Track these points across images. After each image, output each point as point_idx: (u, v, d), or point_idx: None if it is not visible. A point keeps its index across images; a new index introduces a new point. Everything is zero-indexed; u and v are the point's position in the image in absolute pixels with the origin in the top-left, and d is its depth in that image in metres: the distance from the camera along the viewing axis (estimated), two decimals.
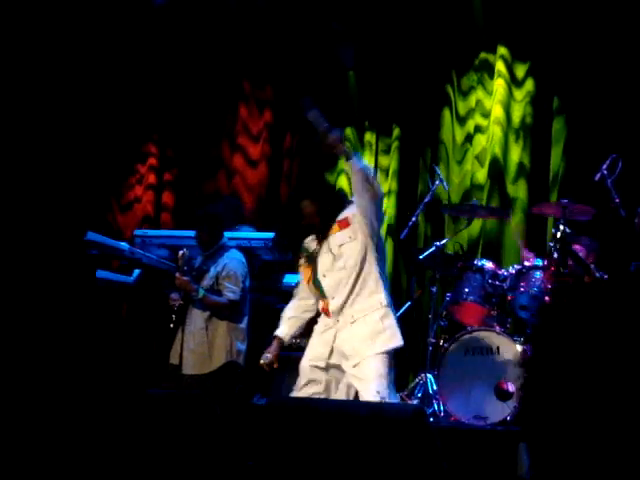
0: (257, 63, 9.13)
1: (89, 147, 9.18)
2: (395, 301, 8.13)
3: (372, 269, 5.02)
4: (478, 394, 6.47)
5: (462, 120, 8.33)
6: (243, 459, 4.00)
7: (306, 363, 5.08)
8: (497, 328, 6.68)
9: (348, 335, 4.98)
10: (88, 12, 8.92)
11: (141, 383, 7.46)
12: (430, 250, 7.10)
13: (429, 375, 6.79)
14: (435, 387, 6.65)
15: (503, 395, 6.40)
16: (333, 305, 5.03)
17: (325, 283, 5.05)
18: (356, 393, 5.00)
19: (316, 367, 5.04)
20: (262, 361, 5.16)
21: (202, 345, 6.32)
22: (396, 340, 5.02)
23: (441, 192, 7.91)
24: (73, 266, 8.54)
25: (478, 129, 8.21)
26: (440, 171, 7.60)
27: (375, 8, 8.57)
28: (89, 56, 9.09)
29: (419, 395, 6.79)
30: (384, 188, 8.53)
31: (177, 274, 6.21)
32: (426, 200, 7.57)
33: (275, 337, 5.22)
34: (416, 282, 7.97)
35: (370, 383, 4.88)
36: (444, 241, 7.28)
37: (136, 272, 7.14)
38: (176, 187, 9.44)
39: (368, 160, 8.67)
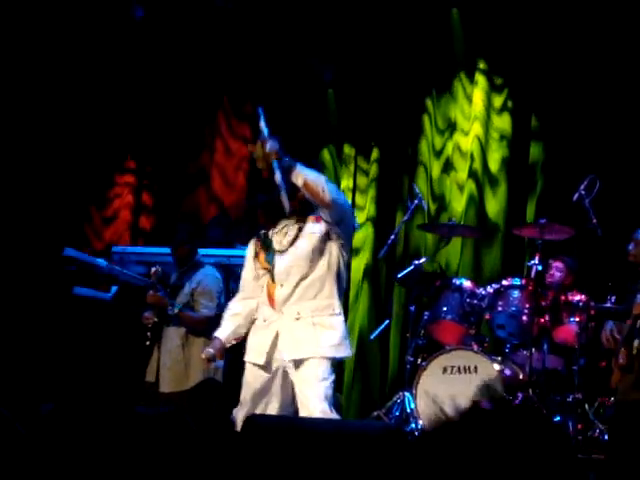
0: (236, 80, 9.13)
1: (67, 163, 9.14)
2: (374, 319, 8.24)
3: (331, 274, 4.82)
4: (456, 413, 6.45)
5: (441, 137, 8.36)
6: (220, 479, 3.97)
7: (249, 370, 4.91)
8: (475, 347, 6.69)
9: (292, 332, 4.77)
10: (68, 27, 8.90)
11: (117, 401, 7.41)
12: (409, 269, 7.10)
13: (407, 393, 6.78)
14: (412, 406, 6.64)
15: None
16: (279, 294, 4.81)
17: (278, 264, 4.83)
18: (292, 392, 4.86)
19: (257, 367, 4.86)
20: (203, 355, 5.01)
21: (179, 363, 6.29)
22: (346, 350, 4.86)
23: (420, 211, 7.93)
24: (50, 282, 8.50)
25: (457, 147, 8.24)
26: (419, 190, 7.62)
27: (355, 26, 8.60)
28: (68, 71, 9.06)
29: (396, 413, 6.78)
30: (362, 209, 8.57)
31: (150, 291, 6.18)
32: (405, 219, 7.58)
33: (215, 338, 5.03)
34: (395, 300, 7.98)
35: (316, 386, 4.71)
36: (422, 260, 7.30)
37: (114, 289, 7.11)
38: (154, 203, 9.43)
39: (346, 178, 8.71)
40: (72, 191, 9.17)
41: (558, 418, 6.29)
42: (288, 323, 4.80)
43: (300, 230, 4.85)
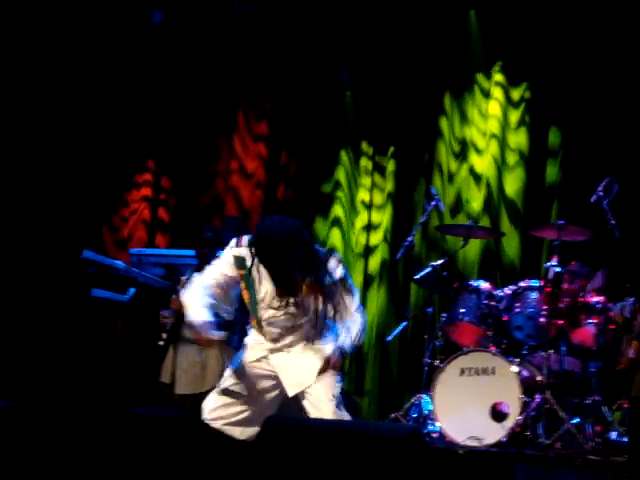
0: (254, 85, 9.15)
1: (86, 166, 9.18)
2: (391, 321, 8.23)
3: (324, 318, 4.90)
4: (473, 415, 6.45)
5: (458, 141, 8.36)
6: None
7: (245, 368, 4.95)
8: (492, 349, 6.67)
9: (288, 366, 4.85)
10: (89, 32, 8.95)
11: (132, 401, 7.44)
12: (426, 270, 7.09)
13: (424, 395, 6.77)
14: (430, 408, 6.63)
15: (498, 416, 6.38)
16: (267, 331, 4.87)
17: (264, 312, 4.84)
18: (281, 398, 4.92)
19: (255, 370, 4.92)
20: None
21: (195, 365, 6.29)
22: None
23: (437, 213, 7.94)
24: (69, 284, 8.53)
25: (474, 149, 8.23)
26: (436, 192, 7.61)
27: (372, 28, 8.61)
28: (89, 75, 9.10)
29: (414, 415, 6.78)
30: (380, 209, 8.60)
31: (174, 296, 6.19)
32: (422, 220, 7.58)
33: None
34: (411, 302, 7.98)
35: (324, 390, 4.78)
36: (440, 261, 7.29)
37: (131, 290, 7.12)
38: (172, 206, 9.45)
39: (364, 179, 8.73)
40: (91, 193, 9.20)
41: (576, 420, 6.27)
42: (282, 356, 4.87)
43: (292, 303, 4.81)
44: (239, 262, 4.83)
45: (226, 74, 9.18)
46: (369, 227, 8.67)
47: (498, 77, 8.17)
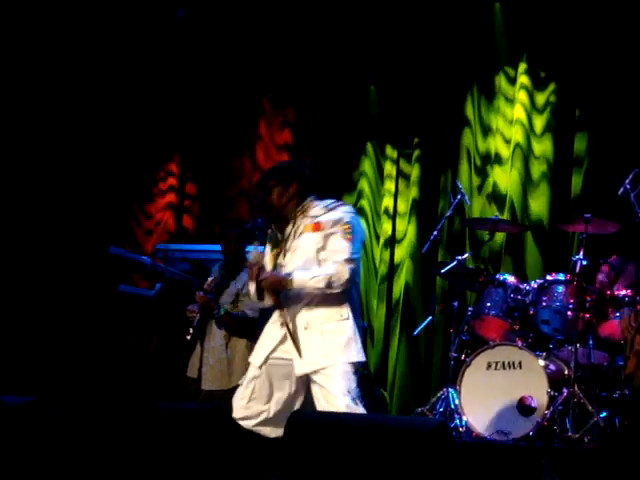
0: (278, 79, 9.16)
1: (112, 164, 9.23)
2: (417, 315, 8.22)
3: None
4: (500, 409, 6.43)
5: (484, 134, 8.33)
6: (264, 475, 3.99)
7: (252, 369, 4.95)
8: (519, 343, 6.65)
9: (302, 343, 4.79)
10: (113, 28, 8.98)
11: (158, 396, 7.47)
12: (452, 264, 7.08)
13: (451, 390, 6.76)
14: (457, 402, 6.61)
15: (526, 410, 6.36)
16: (283, 295, 4.84)
17: (284, 266, 4.86)
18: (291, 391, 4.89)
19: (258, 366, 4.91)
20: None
21: (222, 362, 6.30)
22: (353, 353, 4.80)
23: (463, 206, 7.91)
24: (96, 279, 8.59)
25: (500, 142, 8.20)
26: (462, 186, 7.58)
27: (396, 22, 8.59)
28: (114, 71, 9.15)
29: (440, 410, 6.77)
30: (405, 202, 8.58)
31: (200, 292, 6.21)
32: (448, 214, 7.58)
33: None
34: (437, 296, 7.96)
35: (334, 387, 4.72)
36: (466, 255, 7.28)
37: (157, 286, 7.16)
38: (198, 202, 9.49)
39: (390, 172, 8.71)
40: (117, 190, 9.25)
41: (604, 414, 6.23)
42: (298, 332, 4.81)
43: (298, 246, 4.86)
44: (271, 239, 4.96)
45: (249, 69, 9.19)
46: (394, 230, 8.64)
47: (522, 70, 8.11)
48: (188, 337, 6.28)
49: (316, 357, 4.77)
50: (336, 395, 4.70)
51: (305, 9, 8.84)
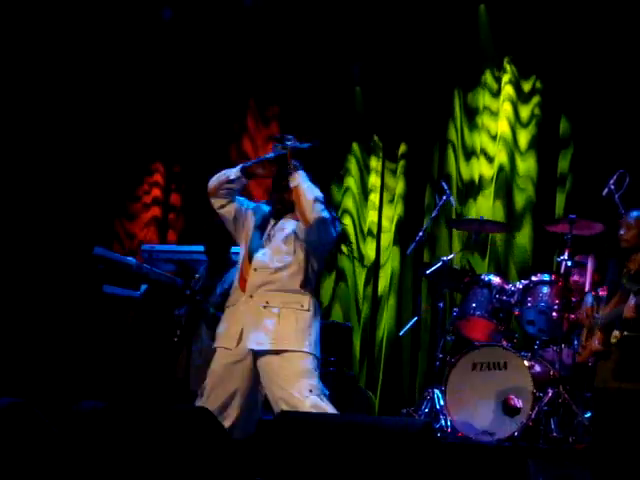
0: (263, 80, 9.14)
1: (97, 163, 9.20)
2: (403, 316, 8.23)
3: (301, 272, 4.82)
4: (485, 410, 6.44)
5: (469, 135, 8.35)
6: (251, 475, 3.99)
7: (217, 357, 4.92)
8: (504, 343, 6.67)
9: (256, 320, 4.75)
10: (97, 29, 8.96)
11: (145, 397, 7.46)
12: (437, 265, 7.09)
13: (436, 390, 6.77)
14: (442, 402, 6.63)
15: (511, 411, 6.38)
16: (252, 278, 4.82)
17: (260, 252, 4.86)
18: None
19: (226, 353, 4.86)
20: None
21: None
22: (302, 344, 4.72)
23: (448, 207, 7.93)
24: (80, 281, 8.56)
25: (485, 143, 8.22)
26: (447, 186, 7.60)
27: (381, 24, 8.60)
28: (97, 73, 9.12)
29: (426, 410, 6.78)
30: (390, 204, 8.59)
31: (188, 291, 6.19)
32: (433, 215, 7.58)
33: None
34: (423, 297, 7.97)
35: (300, 379, 4.65)
36: (451, 256, 7.29)
37: (143, 287, 7.14)
38: (182, 202, 9.46)
39: (374, 178, 8.71)
40: (102, 190, 9.22)
41: (589, 414, 6.26)
42: (254, 309, 4.78)
43: (282, 228, 4.90)
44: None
45: (235, 71, 9.16)
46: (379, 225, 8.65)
47: (508, 69, 8.15)
48: (176, 339, 6.27)
49: (265, 337, 4.72)
50: (295, 396, 4.61)
51: (291, 10, 8.83)
